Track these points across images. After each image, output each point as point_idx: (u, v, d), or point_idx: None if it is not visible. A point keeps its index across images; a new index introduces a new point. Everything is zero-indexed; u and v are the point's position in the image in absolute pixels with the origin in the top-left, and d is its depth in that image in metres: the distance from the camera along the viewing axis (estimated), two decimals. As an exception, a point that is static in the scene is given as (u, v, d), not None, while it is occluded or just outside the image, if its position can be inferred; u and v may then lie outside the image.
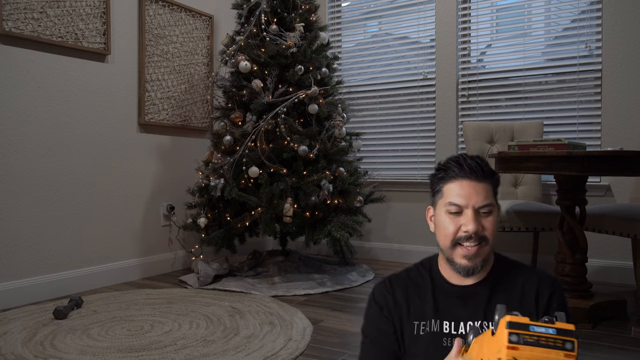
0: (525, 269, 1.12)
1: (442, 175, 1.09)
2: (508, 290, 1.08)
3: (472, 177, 1.06)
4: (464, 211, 1.05)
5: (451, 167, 1.08)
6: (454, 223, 1.05)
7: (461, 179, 1.06)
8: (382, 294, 1.17)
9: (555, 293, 1.07)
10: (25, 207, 2.58)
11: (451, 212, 1.06)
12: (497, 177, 1.11)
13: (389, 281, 1.18)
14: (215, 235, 2.98)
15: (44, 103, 2.66)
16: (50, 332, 2.10)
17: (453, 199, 1.06)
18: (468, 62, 3.55)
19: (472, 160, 1.08)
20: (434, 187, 1.12)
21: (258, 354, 1.85)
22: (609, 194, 3.06)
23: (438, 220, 1.10)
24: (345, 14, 4.05)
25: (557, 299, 1.07)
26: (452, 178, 1.07)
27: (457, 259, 1.06)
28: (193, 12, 3.52)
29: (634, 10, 2.98)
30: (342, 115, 3.08)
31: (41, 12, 2.61)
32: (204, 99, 3.63)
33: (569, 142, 2.09)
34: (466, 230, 1.04)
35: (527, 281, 1.08)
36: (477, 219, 1.04)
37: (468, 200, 1.05)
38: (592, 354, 1.90)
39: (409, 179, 3.70)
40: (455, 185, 1.06)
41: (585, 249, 2.27)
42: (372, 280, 3.08)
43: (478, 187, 1.05)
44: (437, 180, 1.11)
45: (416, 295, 1.13)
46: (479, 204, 1.04)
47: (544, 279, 1.08)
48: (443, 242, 1.08)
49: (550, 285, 1.08)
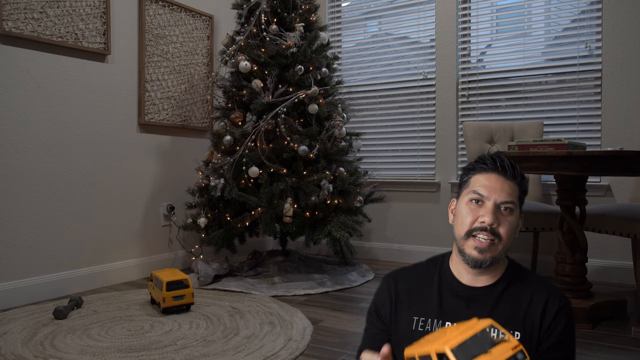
0: (536, 280, 1.09)
1: (473, 167, 1.11)
2: (515, 301, 1.06)
3: (501, 173, 1.07)
4: (485, 203, 1.05)
5: (484, 161, 1.09)
6: (473, 213, 1.06)
7: (490, 172, 1.07)
8: (383, 292, 1.17)
9: (562, 311, 1.04)
10: (25, 207, 2.58)
11: (473, 200, 1.06)
12: (527, 182, 1.10)
13: (393, 279, 1.18)
14: (215, 235, 2.98)
15: (44, 103, 2.66)
16: (50, 332, 2.10)
17: (477, 188, 1.06)
18: (468, 62, 3.55)
19: (507, 159, 1.09)
20: (463, 179, 1.13)
21: (258, 354, 1.85)
22: (609, 194, 3.06)
23: (458, 210, 1.10)
24: (345, 14, 4.05)
25: (564, 318, 1.04)
26: (482, 170, 1.09)
27: (468, 249, 1.05)
28: (193, 12, 3.53)
29: (634, 10, 2.98)
30: (342, 115, 3.08)
31: (41, 12, 2.61)
32: (204, 99, 3.63)
33: (569, 142, 2.09)
34: (483, 221, 1.03)
35: (535, 295, 1.06)
36: (495, 213, 1.04)
37: (491, 193, 1.05)
38: (592, 354, 1.90)
39: (409, 179, 3.70)
40: (483, 176, 1.08)
41: (585, 249, 2.27)
42: (372, 280, 3.08)
43: (505, 184, 1.06)
44: (467, 172, 1.12)
45: (421, 293, 1.12)
46: (501, 199, 1.05)
47: (553, 294, 1.06)
48: (458, 231, 1.08)
49: (558, 302, 1.05)
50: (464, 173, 1.13)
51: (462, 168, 1.17)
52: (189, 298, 2.36)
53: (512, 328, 1.03)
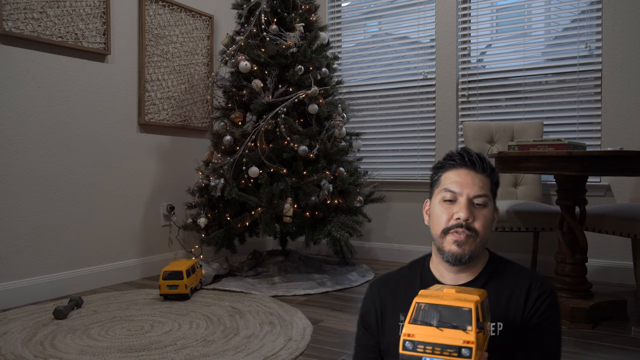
0: (518, 269, 1.09)
1: (441, 165, 1.11)
2: (497, 293, 1.05)
3: (470, 167, 1.07)
4: (458, 199, 1.05)
5: (452, 157, 1.09)
6: (447, 211, 1.05)
7: (459, 167, 1.07)
8: (368, 305, 1.17)
9: (543, 295, 1.03)
10: (25, 207, 2.58)
11: (445, 199, 1.06)
12: (497, 174, 1.10)
13: (377, 288, 1.17)
14: (215, 235, 2.98)
15: (44, 103, 2.66)
16: (50, 332, 2.10)
17: (448, 185, 1.06)
18: (468, 62, 3.55)
19: (474, 153, 1.09)
20: (433, 178, 1.13)
21: (258, 354, 1.85)
22: (609, 194, 3.06)
23: (432, 210, 1.10)
24: (345, 14, 4.05)
25: (546, 301, 1.03)
26: (451, 167, 1.08)
27: (446, 246, 1.04)
28: (193, 12, 3.53)
29: (634, 10, 2.98)
30: (342, 115, 3.08)
31: (41, 12, 2.62)
32: (204, 99, 3.63)
33: (569, 142, 2.09)
34: (458, 218, 1.03)
35: (518, 282, 1.05)
36: (469, 208, 1.03)
37: (462, 188, 1.04)
38: (592, 354, 1.90)
39: (409, 179, 3.70)
40: (453, 173, 1.07)
41: (585, 249, 2.27)
42: (372, 281, 3.08)
43: (475, 178, 1.06)
44: (437, 171, 1.12)
45: (405, 297, 1.11)
46: (474, 193, 1.04)
47: (535, 281, 1.05)
48: (435, 231, 1.07)
49: (539, 287, 1.04)
50: (434, 172, 1.13)
51: (431, 168, 1.16)
52: (182, 289, 2.57)
53: (495, 320, 1.02)
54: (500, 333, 1.02)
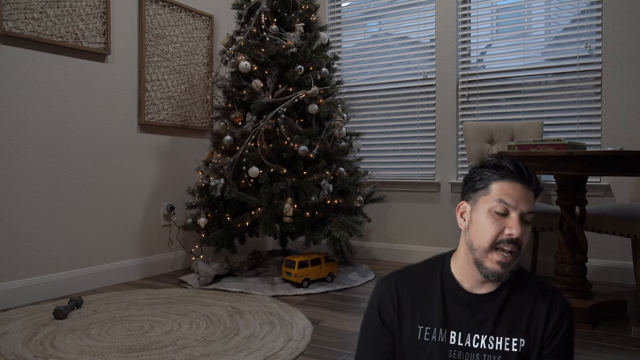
0: (538, 285, 1.07)
1: (493, 172, 1.04)
2: (519, 308, 1.04)
3: (525, 182, 1.03)
4: (510, 214, 1.01)
5: (505, 167, 1.04)
6: (498, 224, 1.01)
7: (514, 180, 1.03)
8: (385, 298, 1.11)
9: (564, 315, 1.03)
10: (25, 207, 2.58)
11: (497, 211, 1.01)
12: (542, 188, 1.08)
13: (394, 283, 1.12)
14: (215, 235, 2.98)
15: (44, 103, 2.66)
16: (50, 332, 2.10)
17: (503, 197, 1.01)
18: (468, 62, 3.55)
19: (526, 167, 1.04)
20: (478, 183, 1.06)
21: (258, 354, 1.85)
22: (609, 194, 3.06)
23: (477, 218, 1.04)
24: (345, 14, 4.05)
25: (565, 321, 1.03)
26: (506, 178, 1.03)
27: (489, 263, 1.01)
28: (193, 12, 3.53)
29: (634, 10, 2.98)
30: (342, 115, 3.08)
31: (41, 12, 2.61)
32: (204, 99, 3.63)
33: (569, 142, 2.09)
34: (510, 234, 1.00)
35: (539, 301, 1.04)
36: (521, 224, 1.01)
37: (517, 203, 1.01)
38: (592, 354, 1.90)
39: (409, 179, 3.70)
40: (507, 185, 1.02)
41: (585, 249, 2.27)
42: (372, 280, 3.08)
43: (528, 194, 1.03)
44: (485, 176, 1.05)
45: (423, 299, 1.09)
46: (527, 209, 1.02)
47: (555, 299, 1.04)
48: (479, 242, 1.03)
49: (560, 306, 1.04)
50: (480, 178, 1.06)
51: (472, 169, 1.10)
52: (293, 277, 2.81)
53: (517, 335, 1.02)
54: (522, 349, 1.02)
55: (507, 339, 1.03)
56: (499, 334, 1.03)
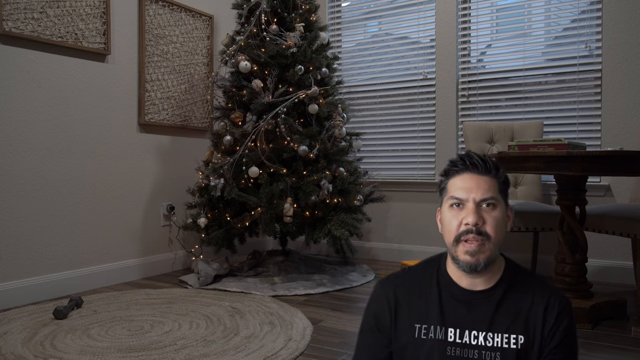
0: (536, 282, 1.08)
1: (446, 172, 1.10)
2: (516, 305, 1.04)
3: (474, 171, 1.06)
4: (466, 205, 1.04)
5: (455, 163, 1.09)
6: (456, 218, 1.04)
7: (462, 172, 1.07)
8: (380, 301, 1.14)
9: (563, 312, 1.03)
10: (25, 207, 2.58)
11: (453, 205, 1.05)
12: (503, 173, 1.09)
13: (391, 284, 1.14)
14: (215, 235, 2.98)
15: (44, 103, 2.66)
16: (50, 332, 2.10)
17: (454, 192, 1.05)
18: (468, 62, 3.55)
19: (476, 155, 1.08)
20: (441, 186, 1.12)
21: (258, 354, 1.85)
22: (609, 194, 3.06)
23: (443, 218, 1.09)
24: (345, 14, 4.05)
25: (565, 319, 1.03)
26: (455, 173, 1.08)
27: (460, 255, 1.04)
28: (193, 12, 3.52)
29: (634, 10, 2.98)
30: (342, 115, 3.08)
31: (41, 12, 2.61)
32: (204, 99, 3.63)
33: (569, 142, 2.09)
34: (467, 223, 1.02)
35: (536, 298, 1.04)
36: (478, 212, 1.02)
37: (469, 193, 1.04)
38: (592, 354, 1.90)
39: (409, 179, 3.70)
40: (457, 179, 1.07)
41: (585, 249, 2.27)
42: (372, 281, 3.08)
43: (480, 181, 1.05)
44: (443, 179, 1.11)
45: (420, 297, 1.10)
46: (480, 196, 1.03)
47: (553, 296, 1.04)
48: (448, 239, 1.07)
49: (559, 304, 1.04)
50: (441, 181, 1.12)
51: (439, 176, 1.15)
52: None
53: (515, 332, 1.02)
54: (522, 346, 1.02)
55: (505, 336, 1.03)
56: (497, 330, 1.03)
